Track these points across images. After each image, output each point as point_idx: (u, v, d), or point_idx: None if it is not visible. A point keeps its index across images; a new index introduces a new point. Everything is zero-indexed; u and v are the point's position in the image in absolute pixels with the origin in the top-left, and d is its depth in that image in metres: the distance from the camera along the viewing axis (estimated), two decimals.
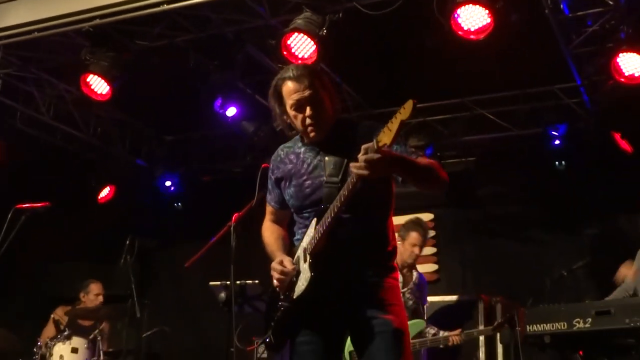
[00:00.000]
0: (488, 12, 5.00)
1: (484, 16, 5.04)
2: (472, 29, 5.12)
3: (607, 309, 4.44)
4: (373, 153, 2.56)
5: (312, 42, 5.44)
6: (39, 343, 6.42)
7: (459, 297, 6.56)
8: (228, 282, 4.90)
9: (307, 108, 2.94)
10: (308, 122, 2.96)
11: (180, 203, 8.90)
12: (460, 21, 5.10)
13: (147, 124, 8.57)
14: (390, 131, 2.51)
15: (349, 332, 2.99)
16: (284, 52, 5.57)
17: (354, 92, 7.36)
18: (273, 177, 3.20)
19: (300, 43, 5.53)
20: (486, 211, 7.76)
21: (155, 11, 5.68)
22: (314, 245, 2.87)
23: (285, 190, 3.13)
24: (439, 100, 7.41)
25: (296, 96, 2.94)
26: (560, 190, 7.24)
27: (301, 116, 2.96)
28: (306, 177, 3.02)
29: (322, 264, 2.86)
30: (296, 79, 2.95)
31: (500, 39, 5.20)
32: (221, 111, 6.86)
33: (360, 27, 5.82)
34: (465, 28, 5.12)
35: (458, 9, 5.04)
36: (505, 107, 7.38)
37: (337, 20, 5.46)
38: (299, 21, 5.43)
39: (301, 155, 3.08)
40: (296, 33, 5.46)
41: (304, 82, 2.94)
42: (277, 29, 5.72)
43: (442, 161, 7.56)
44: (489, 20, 5.05)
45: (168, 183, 8.74)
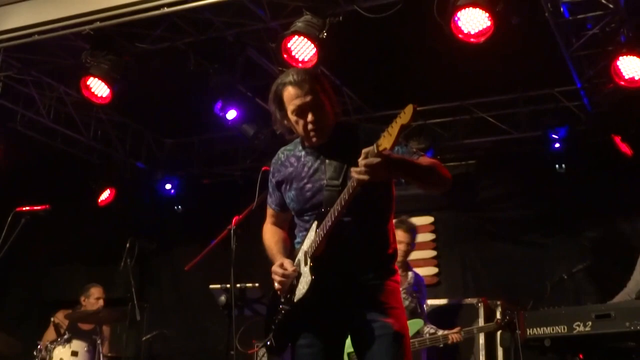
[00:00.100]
0: (488, 15, 4.99)
1: (484, 19, 5.03)
2: (473, 32, 5.11)
3: (608, 313, 4.42)
4: (373, 157, 2.57)
5: (312, 45, 5.44)
6: (39, 346, 6.43)
7: (459, 300, 6.54)
8: (228, 285, 4.89)
9: (309, 114, 2.93)
10: (310, 128, 2.95)
11: (180, 206, 8.87)
12: (460, 24, 5.09)
13: (148, 127, 8.57)
14: (390, 135, 2.52)
15: (350, 335, 2.99)
16: (284, 55, 5.57)
17: (354, 95, 7.36)
18: (274, 180, 3.20)
19: (300, 46, 5.52)
20: (486, 214, 7.75)
21: (155, 14, 5.68)
22: (315, 248, 2.87)
23: (286, 193, 3.13)
24: (439, 103, 7.41)
25: (297, 101, 2.93)
26: (560, 193, 7.23)
27: (302, 121, 2.96)
28: (307, 181, 3.02)
29: (323, 267, 2.86)
30: (297, 84, 2.93)
31: (500, 42, 5.19)
32: (221, 114, 6.86)
33: (360, 30, 5.83)
34: (465, 31, 5.11)
35: (458, 12, 5.03)
36: (505, 110, 7.38)
37: (337, 23, 5.46)
38: (299, 24, 5.42)
39: (302, 158, 3.08)
40: (296, 36, 5.46)
41: (305, 87, 2.93)
42: (277, 32, 5.71)
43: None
44: (489, 23, 5.03)
45: (168, 186, 8.72)
